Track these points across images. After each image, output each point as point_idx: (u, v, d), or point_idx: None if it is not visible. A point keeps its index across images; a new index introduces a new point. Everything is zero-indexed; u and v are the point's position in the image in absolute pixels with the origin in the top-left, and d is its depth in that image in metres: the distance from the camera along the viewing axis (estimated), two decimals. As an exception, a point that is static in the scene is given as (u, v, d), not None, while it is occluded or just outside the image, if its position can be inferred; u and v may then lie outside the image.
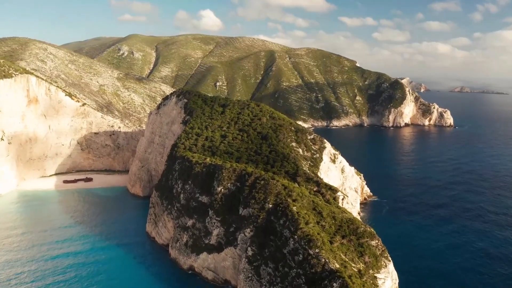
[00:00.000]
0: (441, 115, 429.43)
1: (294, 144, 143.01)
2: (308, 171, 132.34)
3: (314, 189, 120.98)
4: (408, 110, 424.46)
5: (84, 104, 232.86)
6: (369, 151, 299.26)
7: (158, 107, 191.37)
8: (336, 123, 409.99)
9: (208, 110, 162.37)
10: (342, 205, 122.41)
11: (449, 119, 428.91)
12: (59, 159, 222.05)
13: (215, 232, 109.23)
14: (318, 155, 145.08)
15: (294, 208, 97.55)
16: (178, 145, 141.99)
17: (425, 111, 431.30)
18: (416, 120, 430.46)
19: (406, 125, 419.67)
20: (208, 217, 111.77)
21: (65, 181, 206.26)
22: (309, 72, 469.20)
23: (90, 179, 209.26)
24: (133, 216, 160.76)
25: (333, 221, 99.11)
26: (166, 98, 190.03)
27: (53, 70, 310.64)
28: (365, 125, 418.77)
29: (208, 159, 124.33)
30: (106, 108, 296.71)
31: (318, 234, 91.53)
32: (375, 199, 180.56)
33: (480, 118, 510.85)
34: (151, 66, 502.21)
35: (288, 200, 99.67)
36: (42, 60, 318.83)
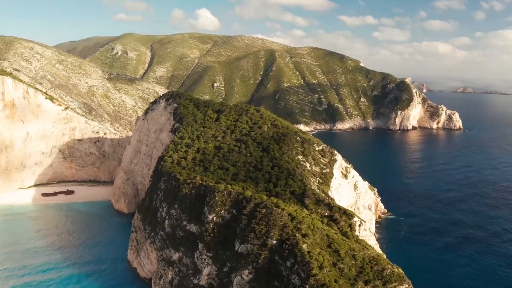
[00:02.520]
0: (449, 118, 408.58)
1: (300, 157, 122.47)
2: (318, 190, 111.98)
3: (326, 214, 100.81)
4: (415, 113, 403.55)
5: (66, 108, 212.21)
6: (377, 157, 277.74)
7: (146, 112, 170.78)
8: (340, 126, 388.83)
9: (201, 116, 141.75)
10: (359, 232, 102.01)
11: (458, 122, 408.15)
12: (38, 169, 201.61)
13: (205, 270, 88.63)
14: (328, 170, 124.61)
15: (305, 246, 77.07)
16: (164, 158, 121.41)
17: (433, 113, 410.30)
18: (423, 123, 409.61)
19: (413, 128, 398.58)
20: (198, 252, 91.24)
21: (44, 194, 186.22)
22: (311, 72, 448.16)
23: (71, 192, 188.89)
24: (114, 239, 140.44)
25: (353, 262, 78.60)
26: (154, 102, 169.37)
27: (38, 71, 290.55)
28: (371, 128, 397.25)
29: (198, 178, 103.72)
30: (95, 111, 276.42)
31: (335, 282, 71.27)
32: (390, 216, 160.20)
33: (488, 120, 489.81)
34: (146, 66, 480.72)
35: (297, 235, 79.12)
36: (27, 60, 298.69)
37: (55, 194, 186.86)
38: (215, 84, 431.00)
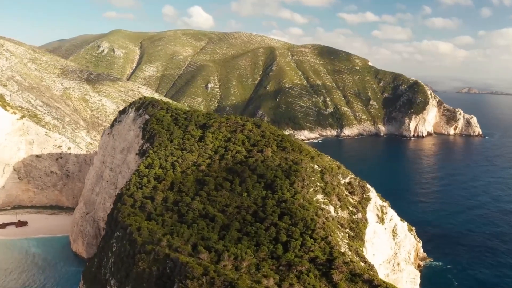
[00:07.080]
0: (467, 123, 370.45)
1: (320, 197, 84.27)
2: (350, 253, 73.87)
3: (366, 298, 62.70)
4: (431, 117, 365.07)
5: (23, 117, 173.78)
6: (394, 172, 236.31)
7: (112, 125, 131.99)
8: (347, 132, 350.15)
9: (179, 133, 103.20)
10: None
11: (476, 128, 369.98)
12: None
13: None
14: (360, 214, 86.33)
15: None
16: (123, 199, 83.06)
17: (450, 118, 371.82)
18: (439, 129, 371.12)
19: (429, 134, 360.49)
20: None
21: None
22: (315, 72, 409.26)
23: (23, 223, 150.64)
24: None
25: None
26: (123, 112, 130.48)
27: (6, 71, 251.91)
28: (382, 134, 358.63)
29: (164, 242, 65.44)
30: (68, 117, 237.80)
31: None
32: (432, 262, 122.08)
33: (506, 125, 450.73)
34: (134, 65, 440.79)
35: None
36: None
37: (3, 226, 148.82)
38: (209, 85, 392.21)
